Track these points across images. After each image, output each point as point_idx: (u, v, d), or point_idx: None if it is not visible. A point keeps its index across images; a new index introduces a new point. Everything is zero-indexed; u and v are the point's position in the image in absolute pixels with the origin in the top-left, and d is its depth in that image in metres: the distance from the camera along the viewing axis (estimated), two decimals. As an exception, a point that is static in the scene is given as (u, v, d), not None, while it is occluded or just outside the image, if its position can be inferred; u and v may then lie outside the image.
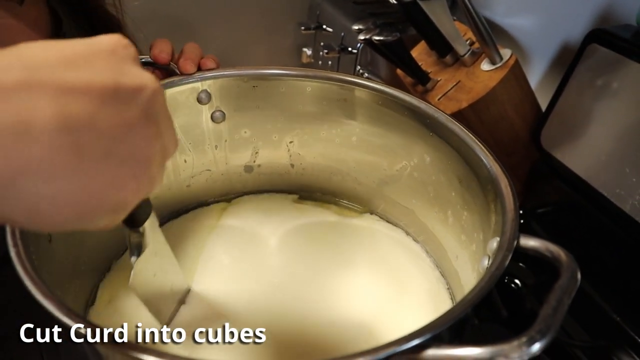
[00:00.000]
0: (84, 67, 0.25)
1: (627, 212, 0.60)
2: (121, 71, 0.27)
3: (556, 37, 0.77)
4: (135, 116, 0.27)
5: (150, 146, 0.28)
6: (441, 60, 0.78)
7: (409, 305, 0.54)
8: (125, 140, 0.26)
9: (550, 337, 0.29)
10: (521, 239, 0.39)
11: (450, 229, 0.56)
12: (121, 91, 0.26)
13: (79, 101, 0.24)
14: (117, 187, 0.26)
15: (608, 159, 0.63)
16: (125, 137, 0.26)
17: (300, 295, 0.55)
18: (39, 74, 0.24)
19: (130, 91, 0.26)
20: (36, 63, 0.24)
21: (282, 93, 0.61)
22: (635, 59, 0.59)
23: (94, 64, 0.26)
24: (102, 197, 0.26)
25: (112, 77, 0.26)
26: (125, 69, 0.27)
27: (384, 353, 0.30)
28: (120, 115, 0.26)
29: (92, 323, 0.31)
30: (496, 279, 0.35)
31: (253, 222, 0.64)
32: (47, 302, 0.33)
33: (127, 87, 0.26)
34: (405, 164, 0.60)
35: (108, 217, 0.27)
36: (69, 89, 0.24)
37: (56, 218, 0.25)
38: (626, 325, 0.61)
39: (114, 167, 0.26)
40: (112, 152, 0.26)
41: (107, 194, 0.26)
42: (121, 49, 0.28)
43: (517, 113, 0.72)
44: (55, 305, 0.32)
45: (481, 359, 0.29)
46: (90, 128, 0.24)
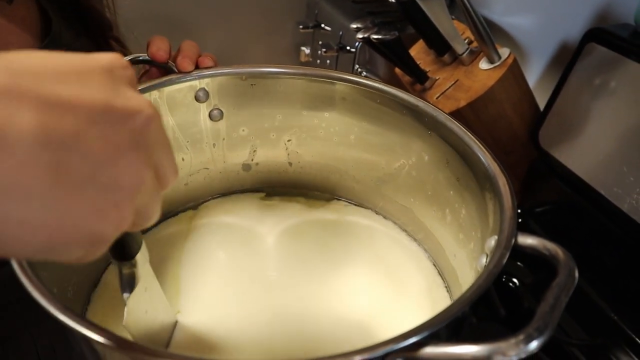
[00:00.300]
0: (75, 82, 0.24)
1: (624, 211, 0.60)
2: (115, 92, 0.25)
3: (554, 36, 0.77)
4: (125, 141, 0.24)
5: (137, 175, 0.25)
6: (439, 59, 0.78)
7: (407, 304, 0.55)
8: (110, 166, 0.24)
9: (547, 335, 0.29)
10: (519, 237, 0.39)
11: (448, 227, 0.56)
12: (112, 112, 0.24)
13: (64, 116, 0.22)
14: (96, 217, 0.24)
15: (606, 158, 0.63)
16: (111, 163, 0.24)
17: (297, 293, 0.55)
18: (25, 81, 0.22)
19: (121, 114, 0.24)
20: (24, 70, 0.22)
21: (280, 91, 0.61)
22: (634, 57, 0.59)
23: (87, 80, 0.24)
24: (78, 226, 0.23)
25: (104, 96, 0.24)
26: (120, 90, 0.25)
27: (381, 350, 0.30)
28: (108, 138, 0.24)
29: (90, 321, 0.31)
30: (494, 277, 0.35)
31: (250, 219, 0.64)
32: (44, 300, 0.33)
33: (119, 109, 0.24)
34: (403, 163, 0.60)
35: (83, 249, 0.25)
36: (55, 102, 0.22)
37: (23, 245, 0.22)
38: (624, 324, 0.61)
39: (95, 193, 0.23)
40: (95, 177, 0.23)
41: (84, 222, 0.23)
42: (119, 69, 0.26)
43: (515, 112, 0.72)
44: (52, 303, 0.32)
45: (479, 357, 0.29)
46: (72, 147, 0.22)
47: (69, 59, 0.25)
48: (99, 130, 0.23)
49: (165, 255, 0.58)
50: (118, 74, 0.26)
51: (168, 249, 0.59)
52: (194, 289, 0.55)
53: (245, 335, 0.50)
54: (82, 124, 0.23)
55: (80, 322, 0.31)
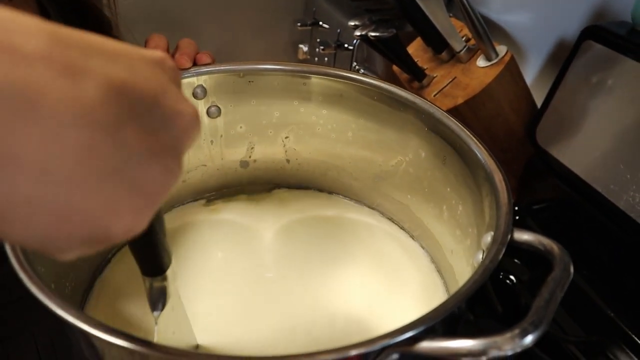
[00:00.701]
0: (124, 66, 0.21)
1: (621, 208, 0.60)
2: (164, 88, 0.23)
3: (552, 33, 0.77)
4: (164, 143, 0.23)
5: (166, 182, 0.23)
6: (437, 57, 0.78)
7: (405, 300, 0.55)
8: (142, 165, 0.22)
9: (542, 329, 0.30)
10: (515, 233, 0.39)
11: (445, 224, 0.56)
12: (159, 109, 0.22)
13: (108, 98, 0.20)
14: (111, 216, 0.21)
15: (603, 155, 0.63)
16: (143, 162, 0.22)
17: (295, 290, 0.55)
18: (68, 51, 0.19)
19: (168, 113, 0.23)
20: (67, 40, 0.20)
21: (278, 88, 0.61)
22: (631, 55, 0.59)
23: (137, 68, 0.22)
24: (88, 221, 0.21)
25: (153, 89, 0.22)
26: (169, 88, 0.23)
27: (378, 345, 0.30)
28: (148, 135, 0.22)
29: (89, 316, 0.31)
30: (490, 272, 0.35)
31: (248, 216, 0.64)
32: (43, 295, 0.33)
33: (166, 107, 0.23)
34: (400, 159, 0.60)
35: (83, 245, 0.22)
36: (100, 80, 0.20)
37: (23, 228, 0.20)
38: (620, 321, 0.61)
39: (117, 190, 0.21)
40: (122, 173, 0.21)
41: (95, 218, 0.21)
42: (169, 68, 0.24)
43: (512, 109, 0.73)
44: (51, 299, 0.32)
45: (474, 351, 0.29)
46: (109, 133, 0.20)
47: (118, 44, 0.22)
48: (141, 125, 0.21)
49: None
50: (168, 70, 0.24)
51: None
52: (191, 286, 0.55)
53: (242, 331, 0.50)
54: (125, 112, 0.21)
55: (79, 316, 0.31)
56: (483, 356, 0.29)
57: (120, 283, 0.54)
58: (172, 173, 0.23)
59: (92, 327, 0.30)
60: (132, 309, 0.52)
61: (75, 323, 0.31)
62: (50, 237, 0.21)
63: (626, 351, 0.59)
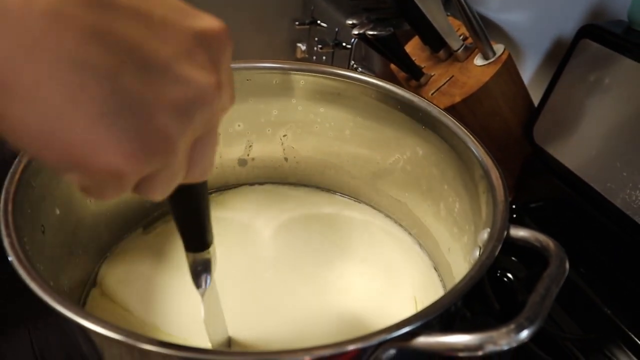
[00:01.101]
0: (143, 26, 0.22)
1: (618, 206, 0.60)
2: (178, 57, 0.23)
3: (549, 32, 0.78)
4: (170, 104, 0.22)
5: (167, 142, 0.23)
6: (435, 55, 0.78)
7: (402, 298, 0.55)
8: (136, 113, 0.21)
9: (538, 324, 0.30)
10: (511, 230, 0.39)
11: (442, 221, 0.56)
12: (166, 71, 0.22)
13: (89, 39, 0.20)
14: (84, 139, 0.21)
15: (599, 153, 0.63)
16: (139, 110, 0.21)
17: (293, 287, 0.55)
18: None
19: (177, 78, 0.22)
20: None
21: (276, 87, 0.61)
22: (627, 54, 0.59)
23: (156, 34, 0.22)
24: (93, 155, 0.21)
25: (161, 57, 0.22)
26: (185, 58, 0.23)
27: (375, 340, 0.30)
28: (145, 87, 0.21)
29: (86, 311, 0.32)
30: (486, 268, 0.35)
31: (247, 213, 0.64)
32: (41, 291, 0.33)
33: (176, 72, 0.22)
34: (398, 157, 0.60)
35: (97, 181, 0.22)
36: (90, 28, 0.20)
37: (20, 136, 0.21)
38: (617, 319, 0.61)
39: (111, 127, 0.21)
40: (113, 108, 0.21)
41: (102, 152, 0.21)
42: (212, 41, 0.25)
43: (510, 108, 0.73)
44: (49, 294, 0.32)
45: (471, 346, 0.29)
46: (102, 76, 0.20)
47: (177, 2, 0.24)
48: (138, 77, 0.21)
49: (162, 250, 0.58)
50: (209, 48, 0.24)
51: (165, 244, 0.59)
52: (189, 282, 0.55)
53: (240, 327, 0.50)
54: (115, 57, 0.21)
55: (79, 313, 0.31)
56: (479, 351, 0.29)
57: (118, 278, 0.55)
58: (170, 139, 0.23)
59: (92, 323, 0.31)
60: (130, 303, 0.52)
61: (76, 319, 0.31)
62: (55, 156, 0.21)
63: (623, 349, 0.60)
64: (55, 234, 0.46)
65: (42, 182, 0.44)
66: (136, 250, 0.59)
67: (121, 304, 0.52)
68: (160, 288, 0.53)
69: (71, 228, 0.50)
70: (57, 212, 0.47)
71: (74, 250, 0.51)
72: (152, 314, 0.51)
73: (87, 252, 0.54)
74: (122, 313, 0.51)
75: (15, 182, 0.41)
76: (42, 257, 0.42)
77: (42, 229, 0.44)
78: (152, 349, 0.30)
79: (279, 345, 0.49)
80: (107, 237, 0.58)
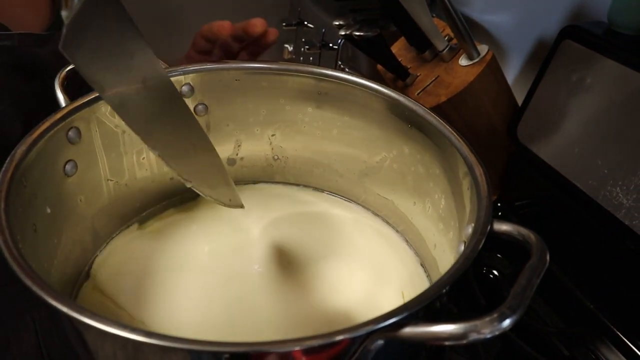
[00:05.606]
0: None
1: (599, 202, 0.61)
2: None
3: (532, 33, 0.79)
4: None
5: None
6: (420, 56, 0.79)
7: (390, 293, 0.56)
8: None
9: (519, 313, 0.31)
10: (494, 224, 0.40)
11: (428, 218, 0.57)
12: None
13: None
14: None
15: (581, 151, 0.64)
16: None
17: (282, 284, 0.56)
18: None
19: None
20: None
21: (264, 87, 0.62)
22: (607, 55, 0.60)
23: None
24: None
25: None
26: None
27: (363, 330, 0.31)
28: None
29: (80, 305, 0.32)
30: (471, 261, 0.36)
31: (236, 212, 0.64)
32: (35, 286, 0.33)
33: None
34: (384, 156, 0.61)
35: None
36: None
37: None
38: (600, 313, 0.63)
39: None
40: None
41: None
42: None
43: (494, 107, 0.74)
44: (43, 289, 0.33)
45: (455, 334, 0.30)
46: None
47: None
48: None
49: (151, 249, 0.59)
50: None
51: (155, 242, 0.60)
52: (178, 280, 0.55)
53: (230, 324, 0.51)
54: None
55: (70, 305, 0.32)
56: (464, 340, 0.30)
57: (113, 273, 0.55)
58: None
59: (83, 315, 0.31)
60: (123, 298, 0.52)
61: (67, 311, 0.31)
62: None
63: (606, 342, 0.61)
64: (46, 232, 0.47)
65: (33, 181, 0.45)
66: (131, 246, 0.59)
67: (111, 298, 0.52)
68: (153, 285, 0.54)
69: (63, 225, 0.50)
70: (47, 210, 0.48)
71: (66, 246, 0.51)
72: (142, 310, 0.51)
73: (81, 248, 0.55)
74: (111, 307, 0.51)
75: (7, 181, 0.41)
76: (36, 254, 0.43)
77: (34, 227, 0.44)
78: (145, 340, 0.30)
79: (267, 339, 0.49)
80: (100, 233, 0.58)
